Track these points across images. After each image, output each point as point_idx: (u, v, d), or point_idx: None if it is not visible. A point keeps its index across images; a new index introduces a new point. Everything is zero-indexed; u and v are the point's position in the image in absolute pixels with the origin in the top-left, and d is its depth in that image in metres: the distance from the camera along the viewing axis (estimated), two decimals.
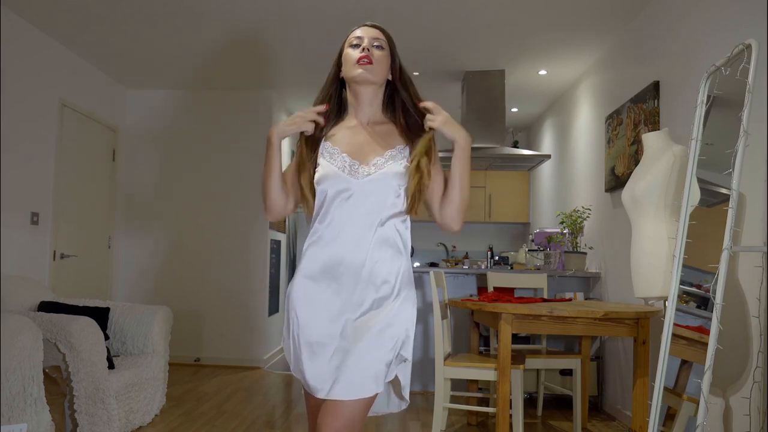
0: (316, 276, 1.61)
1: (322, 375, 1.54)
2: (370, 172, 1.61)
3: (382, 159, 1.63)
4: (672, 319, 2.47)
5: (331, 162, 1.64)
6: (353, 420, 1.51)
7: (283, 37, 4.48)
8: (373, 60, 1.64)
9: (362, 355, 1.53)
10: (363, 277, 1.58)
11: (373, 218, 1.60)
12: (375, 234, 1.60)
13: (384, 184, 1.61)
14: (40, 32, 4.34)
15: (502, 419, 3.00)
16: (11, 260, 4.01)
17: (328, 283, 1.60)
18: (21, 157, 4.15)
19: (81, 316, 3.05)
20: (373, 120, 1.72)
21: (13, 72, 4.03)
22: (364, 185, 1.60)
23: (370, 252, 1.59)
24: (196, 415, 3.81)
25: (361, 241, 1.59)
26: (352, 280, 1.59)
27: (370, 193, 1.60)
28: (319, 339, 1.57)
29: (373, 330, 1.55)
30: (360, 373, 1.52)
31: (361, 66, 1.64)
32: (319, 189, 1.64)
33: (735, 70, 2.33)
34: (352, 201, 1.60)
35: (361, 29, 1.70)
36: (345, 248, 1.59)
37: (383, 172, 1.61)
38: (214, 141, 5.79)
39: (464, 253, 7.16)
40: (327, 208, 1.62)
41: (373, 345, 1.54)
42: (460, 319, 4.52)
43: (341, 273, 1.59)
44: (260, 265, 5.70)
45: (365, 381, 1.51)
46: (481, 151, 4.95)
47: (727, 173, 2.24)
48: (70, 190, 4.76)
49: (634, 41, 3.96)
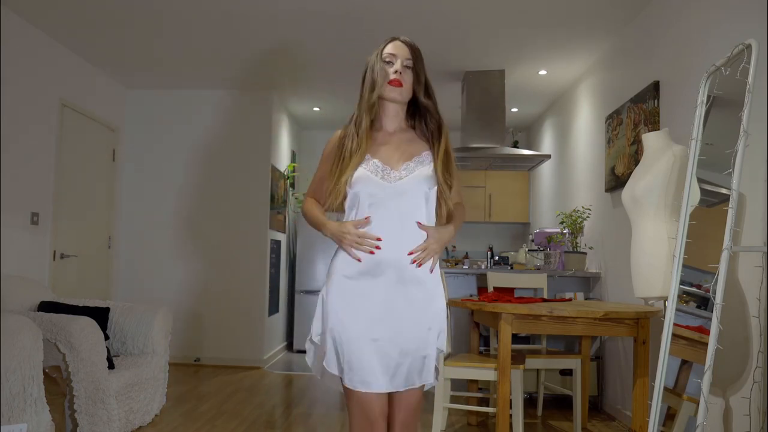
0: (355, 276, 1.74)
1: (372, 369, 1.68)
2: (402, 176, 1.76)
3: (412, 164, 1.78)
4: (672, 319, 2.47)
5: (364, 167, 1.77)
6: (419, 407, 1.77)
7: (284, 38, 4.48)
8: (403, 84, 1.81)
9: (415, 348, 1.71)
10: (402, 275, 1.73)
11: (405, 219, 1.74)
12: (409, 234, 1.74)
13: (415, 187, 1.76)
14: (40, 32, 4.34)
15: (502, 419, 3.00)
16: (11, 260, 4.01)
17: (369, 282, 1.73)
18: (21, 157, 4.15)
19: (81, 316, 3.05)
20: (398, 128, 1.88)
21: (13, 72, 4.03)
22: (397, 188, 1.74)
23: (406, 251, 1.73)
24: (196, 415, 3.81)
25: (397, 241, 1.73)
26: (392, 279, 1.72)
27: (402, 195, 1.74)
28: (365, 336, 1.70)
29: (420, 326, 1.73)
30: (417, 364, 1.72)
31: (393, 86, 1.80)
32: (352, 192, 1.77)
33: (735, 70, 2.33)
34: (386, 203, 1.74)
35: (394, 46, 1.84)
36: (383, 248, 1.72)
37: (414, 175, 1.77)
38: (214, 141, 5.79)
39: (464, 253, 7.16)
40: (361, 211, 1.76)
41: (423, 340, 1.73)
42: (460, 319, 4.52)
43: (382, 272, 1.72)
44: (260, 265, 5.70)
45: (423, 371, 1.73)
46: (481, 151, 4.95)
47: (727, 173, 2.24)
48: (70, 190, 4.76)
49: (634, 41, 3.96)
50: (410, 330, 1.72)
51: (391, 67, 1.81)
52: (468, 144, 5.06)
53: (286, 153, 6.70)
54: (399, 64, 1.81)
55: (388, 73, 1.80)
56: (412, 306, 1.73)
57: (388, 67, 1.81)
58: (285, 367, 5.77)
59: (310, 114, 6.73)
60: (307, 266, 6.70)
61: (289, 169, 6.74)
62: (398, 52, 1.82)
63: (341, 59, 4.87)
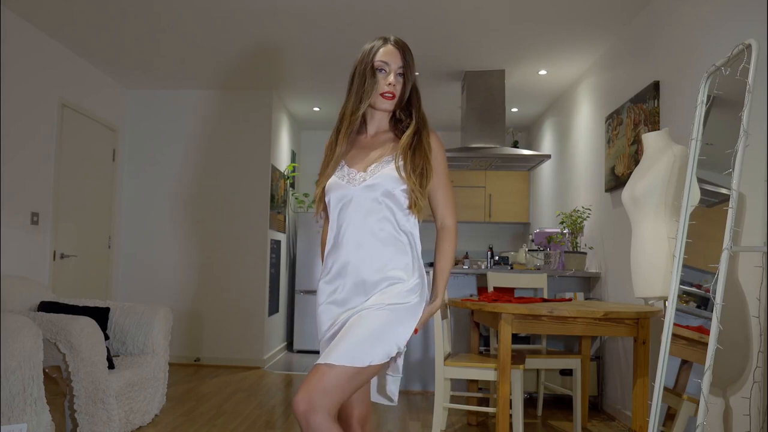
0: (330, 279, 1.75)
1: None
2: (366, 178, 1.72)
3: (379, 165, 1.73)
4: (672, 319, 2.47)
5: (336, 174, 1.76)
6: (335, 387, 1.53)
7: (283, 38, 4.48)
8: (396, 95, 1.76)
9: (357, 331, 1.60)
10: (362, 277, 1.69)
11: (370, 221, 1.70)
12: (374, 235, 1.70)
13: (379, 188, 1.70)
14: (40, 32, 4.34)
15: (502, 419, 3.00)
16: (11, 260, 4.01)
17: (339, 284, 1.72)
18: (21, 157, 4.15)
19: (81, 316, 3.05)
20: (378, 130, 1.84)
21: (13, 72, 4.03)
22: (360, 191, 1.71)
23: (371, 252, 1.70)
24: (196, 415, 3.81)
25: (361, 243, 1.70)
26: (356, 279, 1.70)
27: (366, 197, 1.70)
28: (328, 336, 1.73)
29: (370, 314, 1.64)
30: (351, 345, 1.57)
31: (385, 99, 1.75)
32: (326, 199, 1.78)
33: (735, 70, 2.33)
34: (352, 207, 1.71)
35: (387, 52, 1.74)
36: (349, 251, 1.71)
37: (376, 176, 1.71)
38: (213, 141, 5.79)
39: (464, 253, 7.16)
40: (333, 216, 1.76)
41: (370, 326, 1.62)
42: (460, 319, 4.52)
43: (348, 273, 1.70)
44: (260, 265, 5.70)
45: (354, 353, 1.56)
46: (481, 151, 4.95)
47: (727, 173, 2.24)
48: (70, 190, 4.76)
49: (634, 41, 3.96)
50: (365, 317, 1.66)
51: (383, 76, 1.73)
52: (468, 144, 5.06)
53: (286, 153, 6.70)
54: (392, 75, 1.73)
55: (380, 84, 1.73)
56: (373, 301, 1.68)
57: (380, 75, 1.73)
58: (285, 367, 5.77)
59: (310, 114, 6.73)
60: (307, 266, 6.70)
61: (289, 169, 6.74)
62: (391, 60, 1.73)
63: (341, 59, 4.87)
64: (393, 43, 1.75)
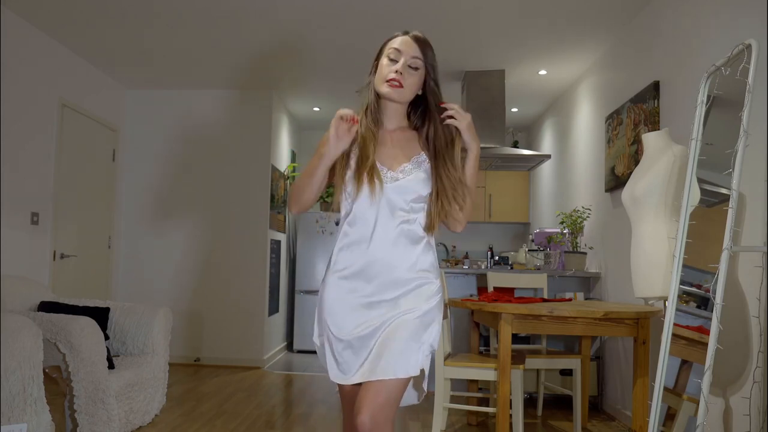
0: (350, 276, 1.71)
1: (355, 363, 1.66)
2: (398, 178, 1.70)
3: (409, 165, 1.72)
4: (672, 319, 2.47)
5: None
6: (392, 399, 1.59)
7: (284, 37, 4.48)
8: (403, 84, 1.70)
9: (400, 341, 1.62)
10: (395, 275, 1.69)
11: (399, 220, 1.70)
12: (403, 234, 1.70)
13: (410, 189, 1.71)
14: (40, 32, 4.34)
15: (502, 419, 3.00)
16: (11, 260, 4.01)
17: (362, 283, 1.70)
18: (21, 157, 4.15)
19: (81, 316, 3.04)
20: (398, 126, 1.81)
21: (13, 72, 4.03)
22: (392, 190, 1.70)
23: (400, 251, 1.70)
24: (196, 415, 3.81)
25: (391, 242, 1.69)
26: (385, 279, 1.68)
27: (397, 196, 1.70)
28: (356, 335, 1.67)
29: (408, 321, 1.65)
30: (398, 356, 1.61)
31: (390, 86, 1.70)
32: (348, 192, 1.72)
33: (735, 70, 2.33)
34: (381, 204, 1.69)
35: (402, 41, 1.72)
36: (378, 248, 1.69)
37: (410, 178, 1.71)
38: (213, 141, 5.79)
39: (464, 253, 7.16)
40: (356, 211, 1.71)
41: (410, 334, 1.64)
42: (460, 319, 4.52)
43: (376, 273, 1.69)
44: (260, 265, 5.70)
45: (403, 364, 1.60)
46: (481, 151, 4.94)
47: (727, 173, 2.24)
48: (70, 190, 4.76)
49: (634, 41, 3.96)
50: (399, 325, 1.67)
51: (393, 64, 1.70)
52: None
53: (286, 153, 6.71)
54: (402, 63, 1.70)
55: (387, 69, 1.71)
56: (402, 303, 1.69)
57: (390, 64, 1.71)
58: (285, 367, 5.77)
59: (310, 114, 6.73)
60: (307, 266, 6.70)
61: (289, 169, 6.74)
62: (404, 50, 1.70)
63: (341, 59, 4.87)
64: (411, 36, 1.74)
